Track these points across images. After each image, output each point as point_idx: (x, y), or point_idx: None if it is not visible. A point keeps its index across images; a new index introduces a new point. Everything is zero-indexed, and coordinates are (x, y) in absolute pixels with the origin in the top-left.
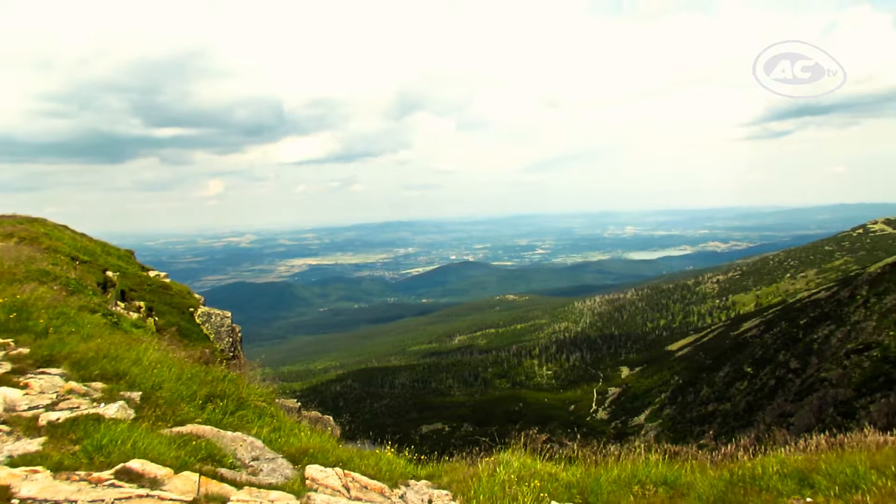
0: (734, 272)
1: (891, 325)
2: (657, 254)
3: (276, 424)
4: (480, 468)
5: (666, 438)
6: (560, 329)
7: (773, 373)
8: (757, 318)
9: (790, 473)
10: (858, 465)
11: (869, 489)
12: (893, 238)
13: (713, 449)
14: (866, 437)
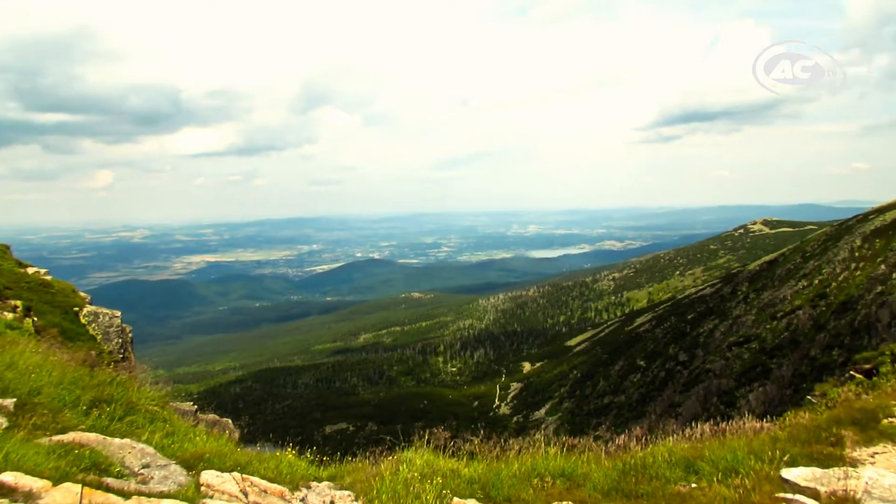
0: (629, 270)
1: (767, 318)
2: (558, 252)
3: (169, 429)
4: (383, 467)
5: (565, 431)
6: (465, 326)
7: (663, 365)
8: (649, 314)
9: (677, 461)
10: (738, 451)
11: (747, 473)
12: (770, 237)
13: (607, 440)
14: (745, 425)
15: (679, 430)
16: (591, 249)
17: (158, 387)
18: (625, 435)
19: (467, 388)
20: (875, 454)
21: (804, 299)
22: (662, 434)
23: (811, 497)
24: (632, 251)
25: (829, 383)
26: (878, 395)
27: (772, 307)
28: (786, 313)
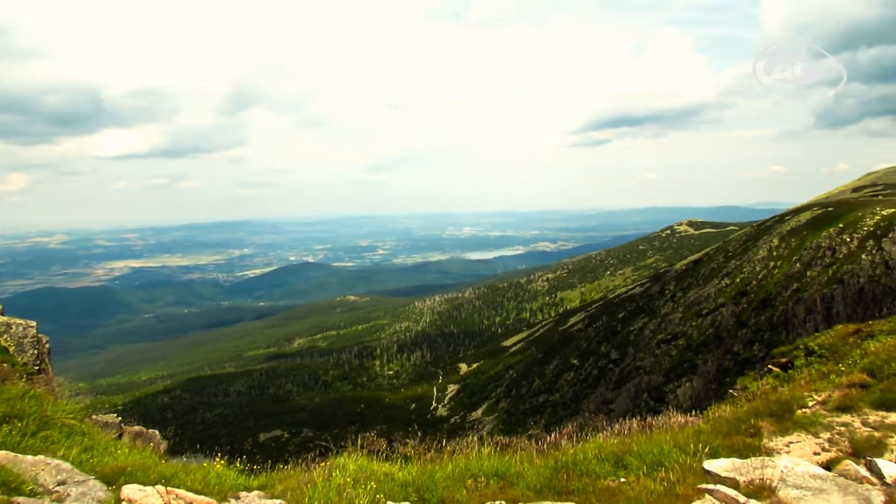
0: (562, 271)
1: (693, 316)
2: (493, 254)
3: (88, 443)
4: (316, 474)
5: (501, 431)
6: (401, 329)
7: (596, 363)
8: (582, 314)
9: (607, 457)
10: (664, 445)
11: (672, 466)
12: (695, 238)
13: (540, 438)
14: (671, 420)
15: (609, 426)
16: (526, 251)
17: (77, 399)
18: (556, 433)
19: (404, 390)
20: (790, 443)
21: (727, 297)
22: (593, 431)
23: (731, 487)
24: (564, 252)
25: (749, 377)
26: (793, 388)
27: (697, 305)
28: (710, 311)
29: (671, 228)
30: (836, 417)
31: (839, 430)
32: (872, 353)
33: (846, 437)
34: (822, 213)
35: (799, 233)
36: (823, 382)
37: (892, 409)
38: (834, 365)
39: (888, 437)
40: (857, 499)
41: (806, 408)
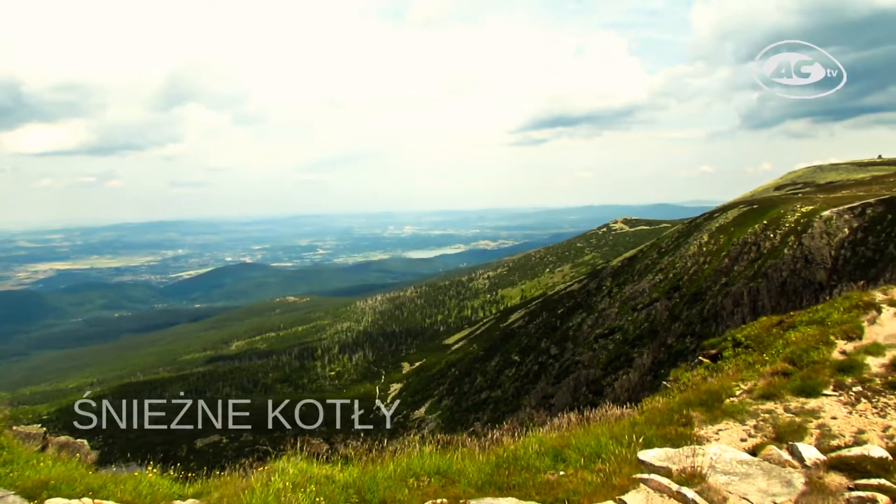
0: (502, 268)
1: (629, 311)
2: (434, 252)
3: (7, 457)
4: (254, 479)
5: (444, 429)
6: (343, 329)
7: (536, 359)
8: (522, 310)
9: (547, 451)
10: (601, 437)
11: (608, 458)
12: (630, 235)
13: (481, 435)
14: (607, 412)
15: (549, 420)
16: (467, 249)
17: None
18: (497, 429)
19: (347, 391)
20: (719, 431)
21: (661, 292)
22: (534, 426)
23: (664, 475)
24: (505, 250)
25: (681, 369)
26: (721, 378)
27: (633, 300)
28: (645, 305)
29: (607, 226)
30: (761, 405)
31: (764, 417)
32: (793, 343)
33: (770, 424)
34: (747, 211)
35: (727, 229)
36: (749, 372)
37: (812, 395)
38: (759, 355)
39: (808, 422)
40: (780, 481)
41: (734, 397)
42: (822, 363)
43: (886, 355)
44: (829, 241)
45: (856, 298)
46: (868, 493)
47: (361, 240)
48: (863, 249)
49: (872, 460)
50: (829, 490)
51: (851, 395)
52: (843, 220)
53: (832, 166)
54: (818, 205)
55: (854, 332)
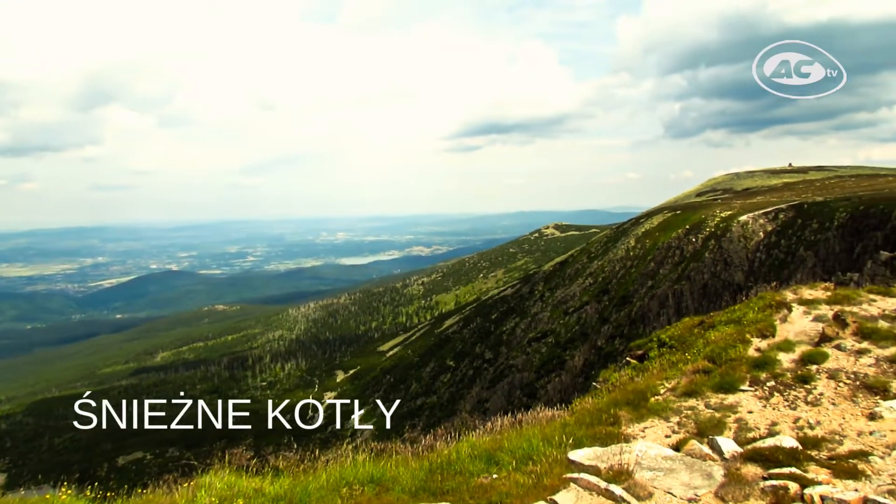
0: (437, 274)
1: (561, 314)
2: (368, 259)
3: None
4: (178, 495)
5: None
6: (275, 338)
7: (471, 364)
8: (457, 316)
9: (480, 454)
10: (533, 439)
11: (540, 459)
12: (561, 240)
13: (415, 441)
14: (539, 414)
15: (481, 424)
16: (401, 255)
17: None
18: (430, 435)
19: (278, 401)
20: (645, 429)
21: (591, 295)
22: (467, 430)
23: (594, 474)
24: (439, 256)
25: (610, 369)
26: (647, 377)
27: (564, 304)
28: (576, 308)
29: (539, 232)
30: (684, 402)
31: (686, 414)
32: (713, 342)
33: (692, 420)
34: (671, 216)
35: (652, 234)
36: (673, 371)
37: (730, 391)
38: (682, 354)
39: (727, 417)
40: (702, 475)
41: (658, 395)
42: (739, 360)
43: (796, 351)
44: (745, 244)
45: (769, 298)
46: (781, 482)
47: (293, 246)
48: (776, 252)
49: (784, 450)
50: (745, 480)
51: (766, 390)
52: (758, 224)
53: (748, 174)
54: (736, 210)
55: (768, 330)
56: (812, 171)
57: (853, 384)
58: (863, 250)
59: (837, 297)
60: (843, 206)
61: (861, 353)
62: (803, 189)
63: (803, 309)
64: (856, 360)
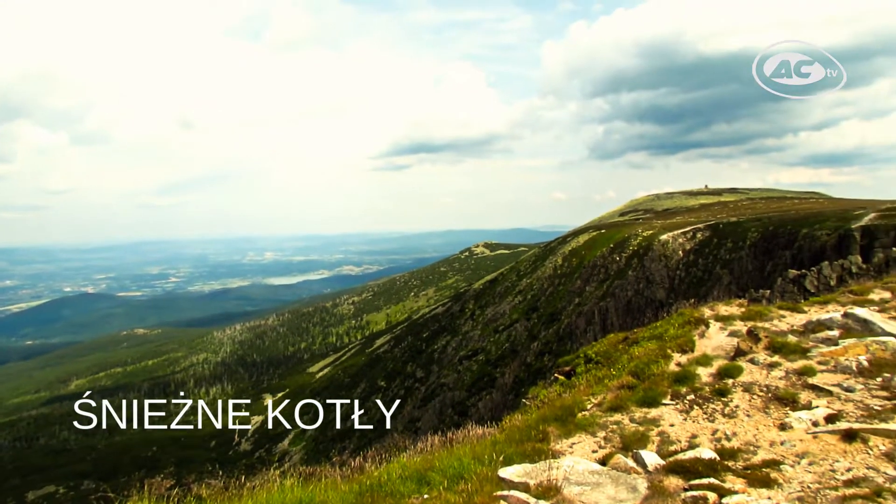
0: (367, 293)
1: (491, 332)
2: (297, 278)
3: None
4: None
5: (309, 460)
6: (199, 361)
7: (402, 383)
8: (388, 335)
9: (411, 475)
10: (464, 458)
11: (471, 478)
12: (491, 259)
13: (344, 464)
14: (469, 432)
15: (412, 444)
16: (330, 275)
17: None
18: (359, 457)
19: (203, 428)
20: (573, 444)
21: (520, 313)
22: (398, 451)
23: (523, 491)
24: (369, 275)
25: (539, 386)
26: (574, 393)
27: (494, 322)
28: (506, 326)
29: (469, 250)
30: (610, 417)
31: (612, 428)
32: (637, 358)
33: (618, 434)
34: (596, 235)
35: (578, 253)
36: (599, 386)
37: (653, 405)
38: (608, 370)
39: (650, 431)
40: (627, 488)
41: (585, 410)
42: (661, 375)
43: (714, 365)
44: (666, 262)
45: (688, 315)
46: (700, 493)
47: (219, 267)
48: (694, 270)
49: (703, 462)
50: (668, 492)
51: (686, 403)
52: (677, 243)
53: (668, 195)
54: (657, 230)
55: (687, 345)
56: (726, 193)
57: (766, 396)
58: (773, 268)
59: (751, 314)
60: (754, 227)
61: (772, 367)
62: (718, 210)
63: (720, 325)
64: (768, 374)
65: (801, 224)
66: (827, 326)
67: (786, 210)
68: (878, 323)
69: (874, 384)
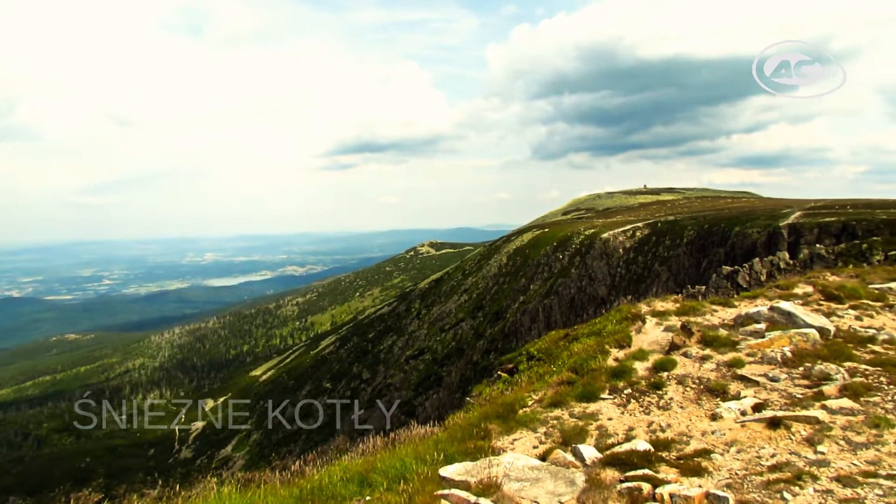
0: (312, 294)
1: (437, 331)
2: (239, 280)
3: None
4: None
5: (253, 466)
6: (135, 367)
7: (349, 385)
8: (333, 336)
9: (352, 477)
10: (406, 458)
11: (412, 478)
12: (436, 258)
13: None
14: (412, 432)
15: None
16: (274, 275)
17: None
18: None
19: (140, 435)
20: (515, 440)
21: (466, 312)
22: (340, 453)
23: (464, 489)
24: (314, 276)
25: (483, 384)
26: (516, 390)
27: (440, 321)
28: (452, 325)
29: (415, 250)
30: (550, 412)
31: (552, 424)
32: (576, 354)
33: (558, 429)
34: (540, 234)
35: (523, 251)
36: (540, 383)
37: (592, 400)
38: (549, 366)
39: (589, 425)
40: (565, 482)
41: (526, 407)
42: (599, 370)
43: (650, 360)
44: (608, 260)
45: (625, 311)
46: (635, 484)
47: (156, 268)
48: (634, 267)
49: (639, 453)
50: (604, 484)
51: (623, 397)
52: (618, 241)
53: (609, 194)
54: (598, 228)
55: (624, 340)
56: (664, 193)
57: (698, 388)
58: (708, 265)
59: (685, 309)
60: (691, 225)
61: (704, 360)
62: (657, 209)
63: (656, 320)
64: (700, 366)
65: (733, 222)
66: (755, 320)
67: (720, 209)
68: (801, 315)
69: (797, 373)
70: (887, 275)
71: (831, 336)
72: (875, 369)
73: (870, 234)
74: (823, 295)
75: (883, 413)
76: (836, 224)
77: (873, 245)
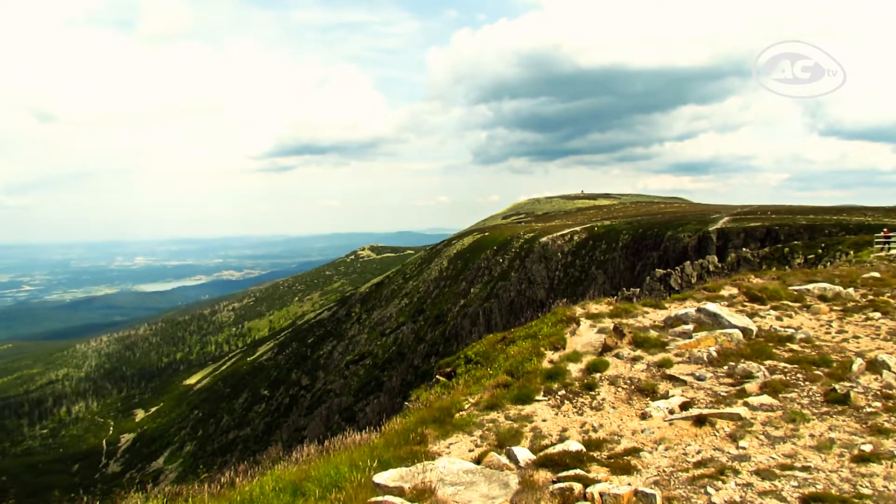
0: (249, 299)
1: (378, 335)
2: (171, 284)
3: None
4: None
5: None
6: (58, 378)
7: (287, 391)
8: (271, 342)
9: (285, 487)
10: (340, 466)
11: (346, 486)
12: (377, 262)
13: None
14: (347, 439)
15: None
16: (209, 280)
17: None
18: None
19: (64, 450)
20: (451, 445)
21: (407, 316)
22: (272, 463)
23: (398, 495)
24: (251, 280)
25: (421, 388)
26: (453, 394)
27: (381, 325)
28: (393, 329)
29: (355, 253)
30: (486, 415)
31: (488, 427)
32: (512, 356)
33: (493, 432)
34: (480, 238)
35: (463, 255)
36: (477, 386)
37: (527, 402)
38: (486, 369)
39: (524, 427)
40: (499, 484)
41: (463, 410)
42: (534, 372)
43: (583, 361)
44: (546, 264)
45: (560, 314)
46: (567, 484)
47: (82, 273)
48: (572, 270)
49: (571, 454)
50: (537, 486)
51: (558, 399)
52: (557, 245)
53: (547, 199)
54: (537, 233)
55: (559, 343)
56: (601, 198)
57: (629, 388)
58: (643, 268)
59: (618, 311)
60: (626, 230)
61: (635, 360)
62: (594, 214)
63: (590, 322)
64: (631, 367)
65: (666, 227)
66: (683, 321)
67: (654, 214)
68: (726, 316)
69: (721, 372)
70: (806, 277)
71: (754, 336)
72: (793, 367)
73: (791, 238)
74: (747, 296)
75: (799, 408)
76: (760, 229)
77: (794, 249)
